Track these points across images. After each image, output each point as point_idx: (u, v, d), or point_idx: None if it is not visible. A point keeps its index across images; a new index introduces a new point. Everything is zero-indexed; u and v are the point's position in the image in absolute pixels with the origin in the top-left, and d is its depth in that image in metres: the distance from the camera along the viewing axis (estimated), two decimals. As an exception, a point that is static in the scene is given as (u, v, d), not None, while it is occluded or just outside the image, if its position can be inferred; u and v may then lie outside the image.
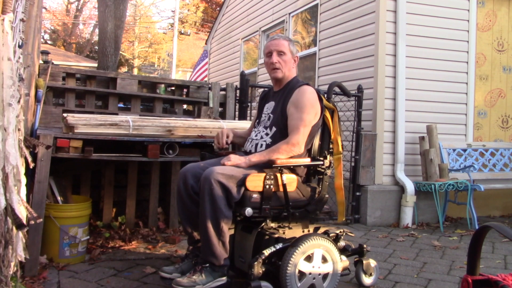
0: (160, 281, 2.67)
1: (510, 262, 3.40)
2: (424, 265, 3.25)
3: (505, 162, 5.09)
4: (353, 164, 4.65)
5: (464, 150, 4.99)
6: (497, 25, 5.29)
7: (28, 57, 2.72)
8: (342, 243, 2.64)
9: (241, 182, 2.31)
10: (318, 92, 2.64)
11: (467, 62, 5.06)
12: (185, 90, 4.28)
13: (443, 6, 4.93)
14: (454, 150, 4.95)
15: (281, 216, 2.44)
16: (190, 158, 3.39)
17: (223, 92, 4.35)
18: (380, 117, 4.71)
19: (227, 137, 2.78)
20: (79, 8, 27.27)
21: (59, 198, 3.10)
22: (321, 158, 2.57)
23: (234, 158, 2.42)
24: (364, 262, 2.69)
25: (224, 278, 2.35)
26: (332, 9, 5.63)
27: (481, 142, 5.15)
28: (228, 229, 2.34)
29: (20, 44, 2.25)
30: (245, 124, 3.62)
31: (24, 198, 2.28)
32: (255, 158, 2.44)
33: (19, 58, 2.25)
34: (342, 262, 2.50)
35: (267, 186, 2.35)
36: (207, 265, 2.33)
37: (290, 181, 2.44)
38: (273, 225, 2.48)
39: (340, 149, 2.64)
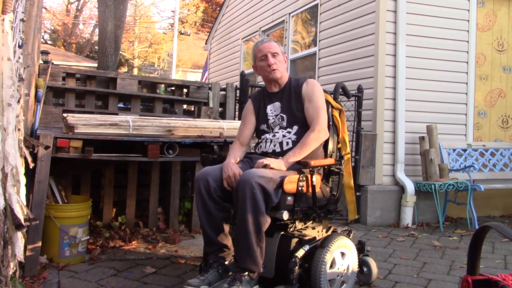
0: (160, 281, 2.68)
1: (510, 262, 3.40)
2: (424, 265, 3.24)
3: (505, 162, 5.09)
4: (353, 164, 4.64)
5: (464, 150, 4.99)
6: (497, 25, 5.29)
7: (28, 57, 2.72)
8: None
9: (279, 185, 2.24)
10: (324, 90, 2.66)
11: (467, 62, 5.06)
12: (185, 90, 4.28)
13: (443, 6, 4.92)
14: (454, 150, 4.95)
15: (311, 217, 2.44)
16: (190, 158, 3.40)
17: (223, 92, 4.35)
18: (380, 117, 4.71)
19: (235, 173, 2.39)
20: (79, 8, 27.27)
21: (59, 198, 3.10)
22: (338, 158, 2.63)
23: (274, 162, 2.31)
24: (364, 259, 2.70)
25: (257, 287, 2.25)
26: (332, 9, 5.63)
27: (481, 142, 5.15)
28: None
29: (20, 44, 2.26)
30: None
31: (24, 198, 2.28)
32: (291, 158, 2.37)
33: (19, 58, 2.26)
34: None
35: (300, 188, 2.31)
36: (246, 273, 2.21)
37: (317, 181, 2.43)
38: (300, 226, 2.46)
39: (348, 149, 2.66)
